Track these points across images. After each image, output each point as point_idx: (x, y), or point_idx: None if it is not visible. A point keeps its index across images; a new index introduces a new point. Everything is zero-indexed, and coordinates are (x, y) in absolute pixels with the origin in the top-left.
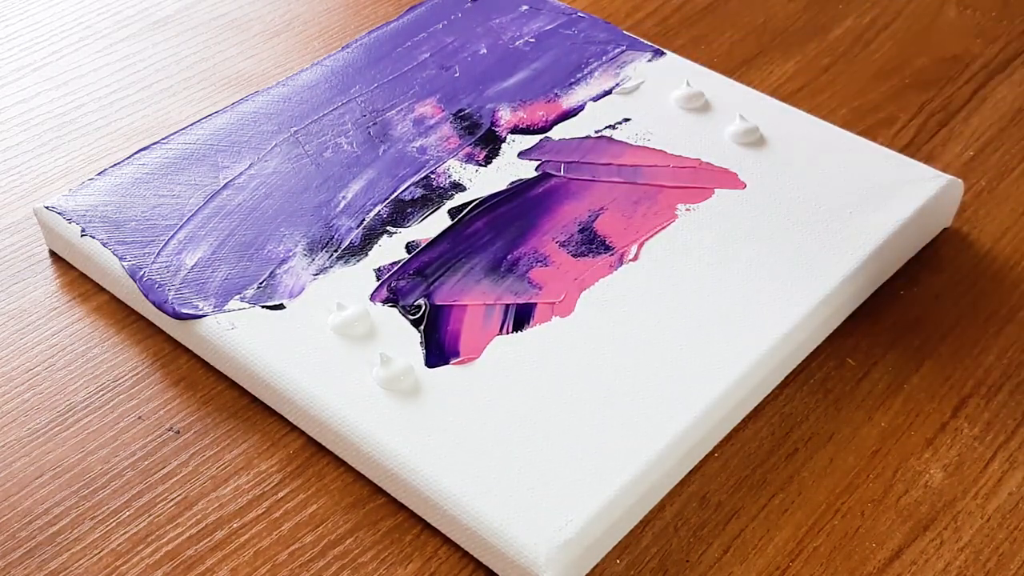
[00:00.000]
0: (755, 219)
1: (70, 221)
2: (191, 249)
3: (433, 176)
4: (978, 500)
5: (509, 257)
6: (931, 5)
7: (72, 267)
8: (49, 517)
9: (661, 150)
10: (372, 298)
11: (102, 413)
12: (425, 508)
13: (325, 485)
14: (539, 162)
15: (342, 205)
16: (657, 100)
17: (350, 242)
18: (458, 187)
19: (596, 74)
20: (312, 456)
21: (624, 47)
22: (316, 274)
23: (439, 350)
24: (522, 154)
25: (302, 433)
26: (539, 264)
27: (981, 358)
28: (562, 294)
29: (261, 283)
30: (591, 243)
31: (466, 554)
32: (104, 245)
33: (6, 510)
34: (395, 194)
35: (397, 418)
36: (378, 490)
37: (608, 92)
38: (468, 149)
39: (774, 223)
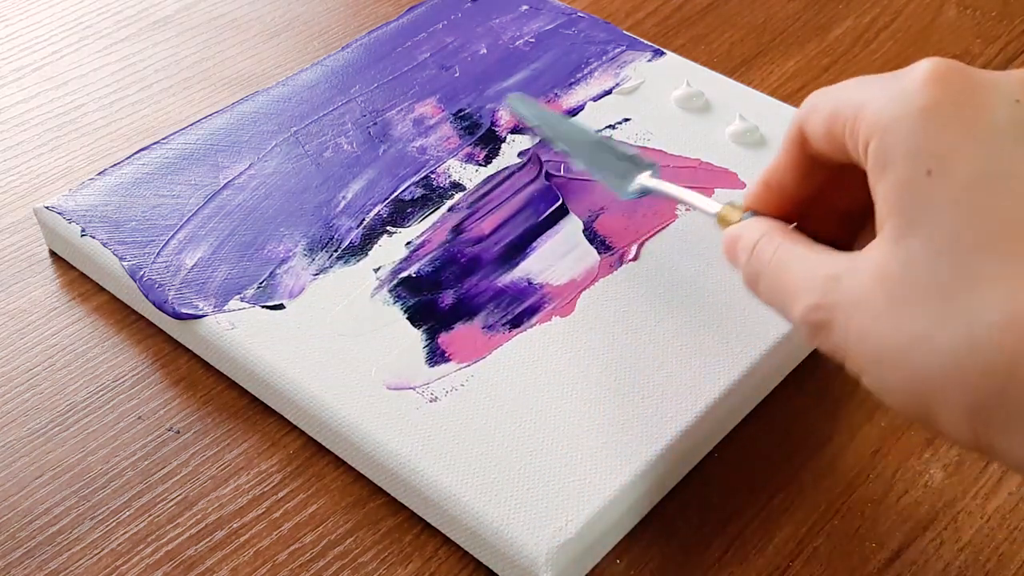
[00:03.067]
0: None
1: (70, 221)
2: (191, 249)
3: (433, 176)
4: (978, 500)
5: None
6: (931, 5)
7: (72, 267)
8: (49, 517)
9: (661, 150)
10: (372, 298)
11: (102, 413)
12: (425, 508)
13: (325, 485)
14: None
15: (342, 205)
16: (657, 100)
17: (350, 242)
18: (458, 187)
19: (596, 74)
20: (312, 456)
21: (624, 47)
22: (316, 274)
23: (439, 350)
24: (522, 154)
25: (302, 433)
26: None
27: None
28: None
29: (261, 283)
30: (591, 243)
31: (466, 554)
32: (104, 245)
33: (6, 510)
34: (395, 194)
35: (397, 418)
36: (378, 490)
37: (608, 92)
38: (468, 149)
39: None
